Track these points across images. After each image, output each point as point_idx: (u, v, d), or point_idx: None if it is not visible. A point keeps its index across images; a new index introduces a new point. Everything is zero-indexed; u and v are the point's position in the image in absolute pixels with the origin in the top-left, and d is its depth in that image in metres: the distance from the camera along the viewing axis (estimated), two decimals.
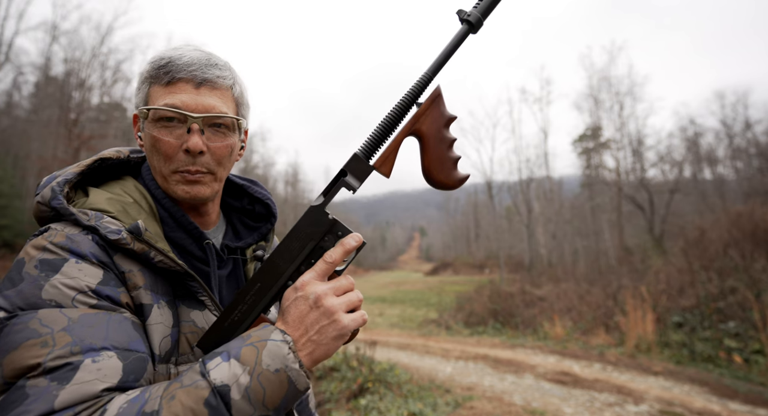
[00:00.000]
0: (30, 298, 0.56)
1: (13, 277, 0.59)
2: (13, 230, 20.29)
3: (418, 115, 0.69)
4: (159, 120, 0.71)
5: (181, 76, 0.72)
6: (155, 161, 0.74)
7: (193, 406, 0.52)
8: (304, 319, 0.61)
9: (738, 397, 4.80)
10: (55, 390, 0.50)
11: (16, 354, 0.52)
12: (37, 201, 0.68)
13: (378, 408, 4.21)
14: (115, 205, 0.70)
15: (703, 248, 9.50)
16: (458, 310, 12.97)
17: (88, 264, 0.62)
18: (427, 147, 0.70)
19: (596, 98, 25.22)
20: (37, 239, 0.64)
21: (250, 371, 0.55)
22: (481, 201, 59.24)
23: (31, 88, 28.48)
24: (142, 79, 0.75)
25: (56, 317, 0.55)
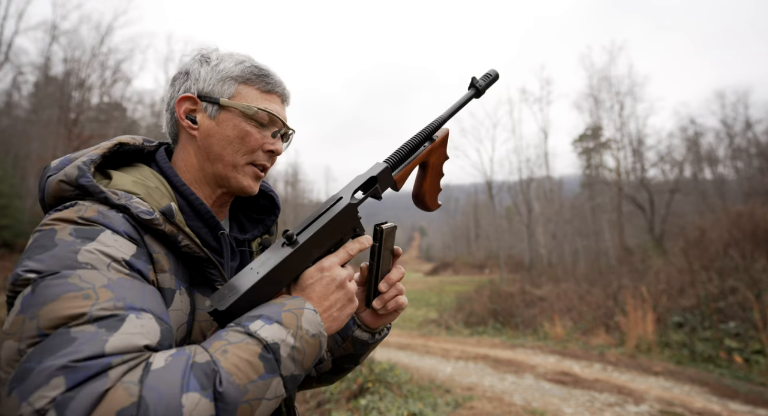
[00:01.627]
0: (65, 260, 0.55)
1: (45, 243, 0.58)
2: (13, 230, 20.30)
3: (432, 148, 0.84)
4: (251, 118, 0.80)
5: (277, 91, 0.85)
6: (231, 150, 0.80)
7: (249, 359, 0.55)
8: (329, 296, 0.70)
9: (738, 397, 4.80)
10: (104, 336, 0.50)
11: (56, 305, 0.51)
12: (59, 180, 0.67)
13: (378, 408, 4.20)
14: (140, 188, 0.71)
15: (703, 248, 9.50)
16: (458, 310, 12.97)
17: (122, 238, 0.63)
18: (429, 176, 0.86)
19: (596, 98, 25.23)
20: (63, 212, 0.63)
21: (293, 334, 0.61)
22: (481, 201, 59.23)
23: (31, 88, 28.50)
24: (230, 76, 0.81)
25: (96, 275, 0.56)
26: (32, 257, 0.57)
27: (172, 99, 0.83)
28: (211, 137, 0.80)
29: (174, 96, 0.83)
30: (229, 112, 0.80)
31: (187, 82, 0.82)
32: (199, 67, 0.82)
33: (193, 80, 0.81)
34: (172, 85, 0.85)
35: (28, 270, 0.55)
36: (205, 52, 0.85)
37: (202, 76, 0.81)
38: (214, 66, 0.81)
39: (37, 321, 0.50)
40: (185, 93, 0.81)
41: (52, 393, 0.44)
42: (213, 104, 0.80)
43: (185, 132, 0.83)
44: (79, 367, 0.46)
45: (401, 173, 0.81)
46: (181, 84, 0.83)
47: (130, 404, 0.45)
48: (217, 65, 0.82)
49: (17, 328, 0.50)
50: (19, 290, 0.54)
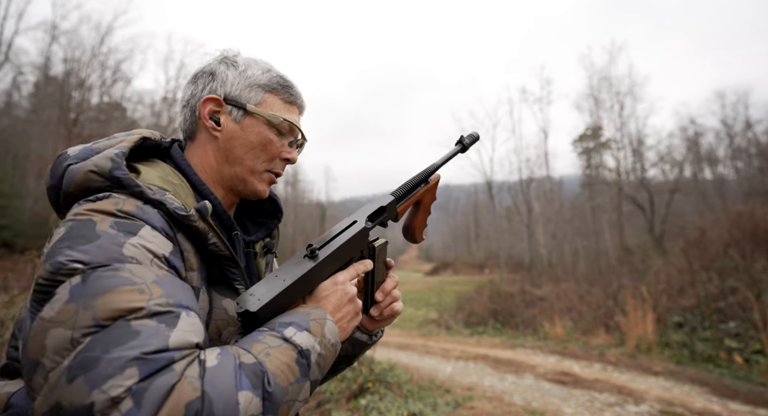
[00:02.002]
0: (111, 253, 0.56)
1: (86, 234, 0.57)
2: (13, 230, 20.29)
3: (427, 189, 0.98)
4: (275, 127, 0.84)
5: (298, 103, 0.89)
6: (253, 156, 0.83)
7: (288, 362, 0.60)
8: (342, 308, 0.75)
9: (738, 397, 4.79)
10: (166, 331, 0.52)
11: (112, 297, 0.52)
12: (88, 170, 0.66)
13: (378, 408, 4.20)
14: (167, 184, 0.72)
15: (703, 248, 9.50)
16: (458, 310, 12.97)
17: (160, 234, 0.63)
18: (420, 213, 0.99)
19: (596, 98, 25.23)
20: (99, 204, 0.62)
21: (319, 342, 0.66)
22: (481, 201, 59.21)
23: (31, 88, 28.50)
24: (258, 83, 0.84)
25: (144, 270, 0.56)
26: (74, 247, 0.56)
27: (194, 97, 0.84)
28: (234, 140, 0.82)
29: (197, 95, 0.84)
30: (254, 118, 0.83)
31: (212, 83, 0.83)
32: (226, 70, 0.83)
33: (220, 82, 0.83)
34: (194, 83, 0.85)
35: (74, 260, 0.54)
36: (230, 54, 0.87)
37: (230, 79, 0.83)
38: (242, 71, 0.83)
39: (92, 311, 0.51)
40: (211, 94, 0.82)
41: (128, 382, 0.46)
42: (239, 108, 0.82)
43: (206, 132, 0.83)
44: (149, 359, 0.48)
45: (403, 206, 0.93)
46: (205, 84, 0.84)
47: (196, 398, 0.48)
48: (244, 71, 0.84)
49: (68, 317, 0.50)
50: (60, 279, 0.54)
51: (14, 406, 0.61)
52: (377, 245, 0.88)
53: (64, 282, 0.53)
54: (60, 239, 0.58)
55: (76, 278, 0.53)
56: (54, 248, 0.57)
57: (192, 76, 0.87)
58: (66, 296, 0.52)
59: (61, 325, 0.50)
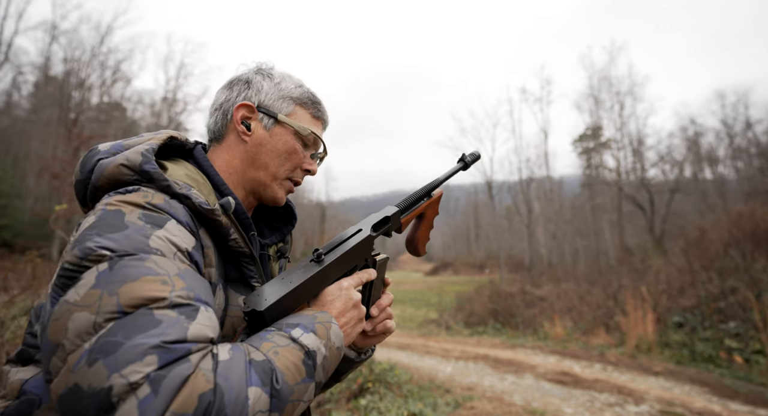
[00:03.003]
0: (138, 243, 0.58)
1: (115, 223, 0.59)
2: (12, 230, 20.30)
3: (430, 203, 1.01)
4: (300, 137, 0.88)
5: (324, 118, 0.94)
6: (278, 162, 0.87)
7: (296, 362, 0.61)
8: (346, 313, 0.77)
9: (738, 397, 4.79)
10: (185, 323, 0.53)
11: (136, 285, 0.53)
12: (119, 163, 0.68)
13: (378, 408, 4.20)
14: (192, 181, 0.74)
15: (703, 248, 9.49)
16: (458, 310, 12.97)
17: (184, 229, 0.65)
18: (424, 225, 1.02)
19: (596, 98, 25.22)
20: (128, 196, 0.64)
21: (324, 344, 0.67)
22: (481, 201, 59.21)
23: (31, 88, 28.51)
24: (290, 96, 0.89)
25: (167, 263, 0.58)
26: (103, 234, 0.58)
27: (228, 102, 0.88)
28: (262, 146, 0.86)
29: (231, 100, 0.88)
30: (283, 127, 0.87)
31: (248, 91, 0.87)
32: (262, 81, 0.88)
33: (255, 91, 0.87)
34: (230, 89, 0.89)
35: (102, 247, 0.56)
36: (265, 67, 0.92)
37: (265, 89, 0.88)
38: (276, 83, 0.88)
39: (117, 297, 0.52)
40: (246, 101, 0.86)
41: (146, 369, 0.47)
42: (270, 117, 0.87)
43: (235, 135, 0.87)
44: (169, 349, 0.49)
45: (406, 218, 0.96)
46: (240, 91, 0.88)
47: (209, 390, 0.49)
48: (279, 83, 0.89)
49: (92, 301, 0.52)
50: (87, 265, 0.55)
51: (27, 393, 0.62)
52: (378, 259, 0.91)
53: (90, 268, 0.55)
54: (90, 226, 0.60)
55: (103, 265, 0.55)
56: (83, 234, 0.59)
57: (227, 83, 0.91)
58: (92, 281, 0.53)
59: (85, 309, 0.51)
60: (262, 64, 0.93)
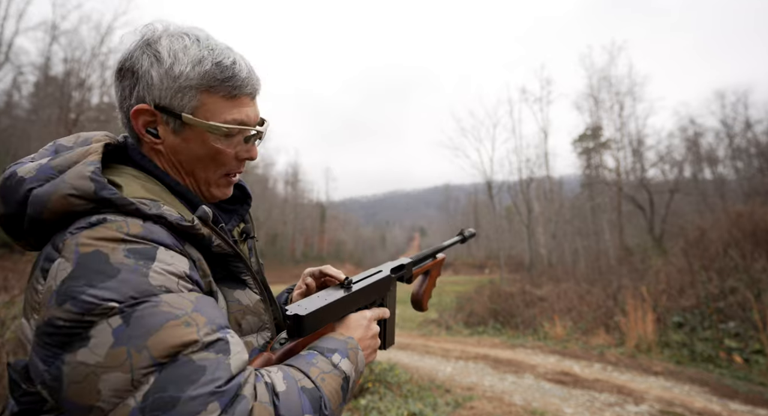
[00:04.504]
0: (140, 286, 0.55)
1: (101, 268, 0.54)
2: None
3: (435, 263, 1.18)
4: (218, 135, 0.74)
5: (245, 92, 0.74)
6: (203, 168, 0.76)
7: (336, 388, 0.66)
8: (365, 340, 0.82)
9: (738, 397, 4.79)
10: (224, 361, 0.55)
11: (163, 335, 0.53)
12: (67, 194, 0.59)
13: (378, 408, 4.20)
14: (154, 194, 0.67)
15: (703, 248, 9.49)
16: (458, 310, 12.96)
17: (174, 252, 0.62)
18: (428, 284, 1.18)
19: (596, 98, 25.21)
20: (100, 231, 0.57)
21: (355, 369, 0.73)
22: (481, 201, 59.20)
23: (31, 88, 28.50)
24: (189, 85, 0.70)
25: (180, 300, 0.57)
26: (95, 285, 0.53)
27: (124, 101, 0.72)
28: (179, 153, 0.74)
29: (126, 99, 0.72)
30: (194, 129, 0.72)
31: (138, 86, 0.70)
32: (149, 68, 0.69)
33: (145, 86, 0.69)
34: (119, 83, 0.72)
35: (104, 299, 0.52)
36: (150, 38, 0.71)
37: (155, 82, 0.69)
38: (167, 70, 0.69)
39: (148, 352, 0.51)
40: (139, 104, 0.70)
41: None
42: (175, 118, 0.71)
43: (148, 144, 0.74)
44: (224, 391, 0.52)
45: (416, 270, 1.11)
46: (131, 86, 0.71)
47: None
48: (171, 68, 0.69)
49: (120, 361, 0.51)
50: (91, 320, 0.52)
51: None
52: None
53: (97, 323, 0.52)
54: (71, 276, 0.54)
55: (115, 320, 0.52)
56: (68, 287, 0.53)
57: (116, 72, 0.73)
58: (110, 339, 0.51)
59: (114, 369, 0.50)
60: (147, 34, 0.72)
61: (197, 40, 0.72)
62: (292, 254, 53.16)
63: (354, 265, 64.20)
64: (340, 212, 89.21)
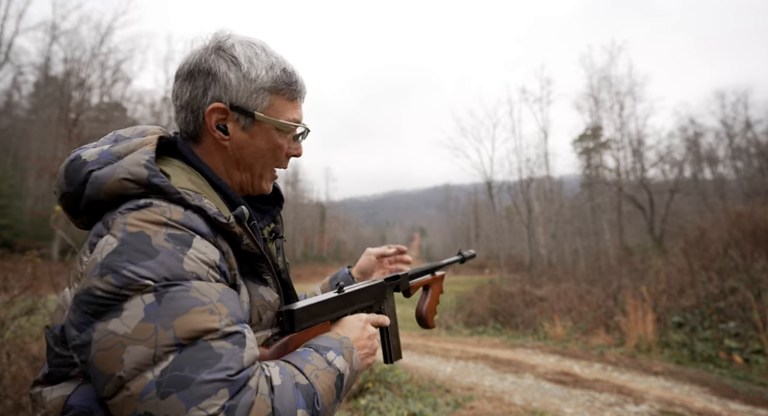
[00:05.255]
0: (174, 269, 0.59)
1: (143, 248, 0.59)
2: (13, 230, 20.30)
3: (434, 278, 1.20)
4: (280, 130, 0.82)
5: (301, 95, 0.86)
6: (263, 162, 0.84)
7: (330, 385, 0.69)
8: (361, 341, 0.84)
9: (738, 397, 4.80)
10: (239, 352, 0.59)
11: (189, 318, 0.56)
12: (122, 178, 0.65)
13: (378, 408, 4.21)
14: (198, 187, 0.72)
15: (703, 248, 9.49)
16: (458, 310, 12.97)
17: (208, 242, 0.66)
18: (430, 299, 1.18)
19: (596, 98, 25.21)
20: (145, 213, 0.62)
21: (349, 367, 0.74)
22: (481, 201, 59.18)
23: (31, 88, 28.52)
24: (263, 87, 0.79)
25: (208, 288, 0.61)
26: (136, 262, 0.57)
27: (195, 100, 0.78)
28: (244, 149, 0.81)
29: (198, 97, 0.78)
30: (263, 125, 0.81)
31: (214, 87, 0.77)
32: (227, 71, 0.77)
33: (222, 87, 0.77)
34: (191, 83, 0.78)
35: (142, 276, 0.57)
36: (226, 45, 0.79)
37: (233, 84, 0.77)
38: (245, 73, 0.77)
39: (173, 331, 0.55)
40: (216, 103, 0.77)
41: (221, 401, 0.54)
42: (247, 116, 0.79)
43: (213, 140, 0.80)
44: (234, 380, 0.56)
45: (414, 283, 1.13)
46: (206, 86, 0.77)
47: (268, 413, 0.58)
48: (248, 72, 0.77)
49: (147, 335, 0.54)
50: (127, 294, 0.56)
51: (75, 407, 0.61)
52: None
53: (131, 297, 0.56)
54: (115, 251, 0.59)
55: (149, 296, 0.56)
56: (111, 260, 0.58)
57: (187, 73, 0.79)
58: (140, 314, 0.55)
59: (140, 343, 0.54)
60: (221, 41, 0.79)
61: (263, 48, 0.82)
62: (292, 255, 53.19)
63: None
64: (340, 212, 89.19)
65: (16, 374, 3.04)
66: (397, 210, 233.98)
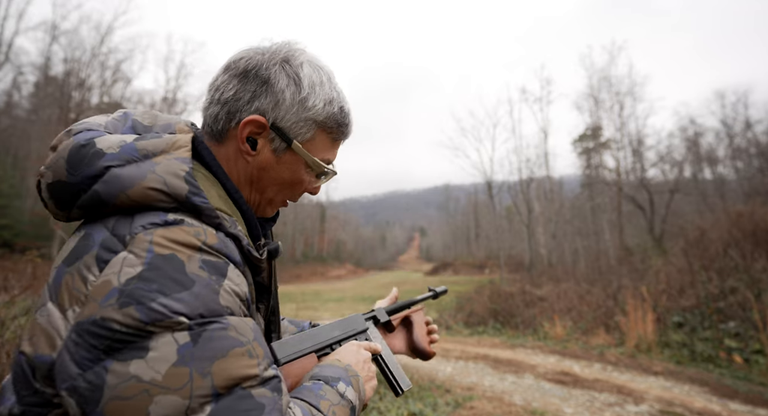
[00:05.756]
0: (210, 304, 0.51)
1: (177, 277, 0.51)
2: (13, 230, 20.31)
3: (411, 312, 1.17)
4: (309, 167, 0.75)
5: (346, 138, 0.81)
6: (276, 190, 0.76)
7: None
8: (358, 366, 0.78)
9: (738, 397, 4.80)
10: (279, 400, 0.54)
11: (228, 362, 0.50)
12: (153, 187, 0.55)
13: (378, 408, 4.21)
14: (227, 206, 0.65)
15: (703, 248, 9.49)
16: (458, 310, 12.97)
17: (239, 271, 0.59)
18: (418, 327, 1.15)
19: (596, 98, 25.22)
20: (177, 233, 0.54)
21: (358, 397, 0.71)
22: (481, 201, 59.21)
23: (31, 88, 28.53)
24: (315, 120, 0.72)
25: (243, 326, 0.54)
26: (168, 294, 0.49)
27: (238, 102, 0.69)
28: (266, 171, 0.73)
29: (241, 100, 0.69)
30: (295, 156, 0.73)
31: (264, 97, 0.69)
32: (285, 89, 0.69)
33: (273, 102, 0.69)
34: (243, 83, 0.69)
35: (175, 311, 0.49)
36: (295, 60, 0.71)
37: (286, 104, 0.69)
38: (303, 98, 0.70)
39: (210, 379, 0.48)
40: (258, 115, 0.68)
41: None
42: (283, 140, 0.71)
43: (236, 147, 0.71)
44: None
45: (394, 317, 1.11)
46: (255, 93, 0.69)
47: None
48: (306, 98, 0.70)
49: (181, 384, 0.47)
50: (153, 330, 0.48)
51: None
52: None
53: (159, 335, 0.48)
54: (140, 277, 0.50)
55: (182, 335, 0.49)
56: (136, 289, 0.49)
57: (242, 70, 0.70)
58: (173, 356, 0.47)
59: (173, 392, 0.46)
60: (291, 55, 0.72)
61: (329, 78, 0.75)
62: (292, 255, 53.15)
63: (354, 265, 64.17)
64: (340, 212, 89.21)
65: None
66: (397, 210, 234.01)
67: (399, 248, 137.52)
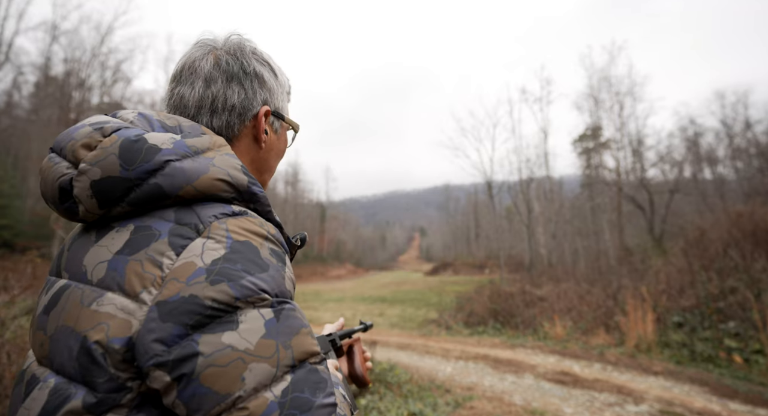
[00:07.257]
0: (281, 287, 0.57)
1: (256, 260, 0.56)
2: (13, 230, 20.30)
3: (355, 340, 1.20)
4: (292, 129, 0.86)
5: None
6: (277, 163, 0.85)
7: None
8: None
9: (738, 397, 4.80)
10: (331, 378, 0.59)
11: (301, 339, 0.56)
12: (219, 178, 0.60)
13: (378, 408, 4.21)
14: None
15: (703, 248, 9.49)
16: (458, 310, 12.97)
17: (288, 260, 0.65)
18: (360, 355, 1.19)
19: (596, 98, 25.21)
20: (246, 223, 0.59)
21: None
22: (481, 201, 59.19)
23: (31, 88, 28.52)
24: (287, 91, 0.84)
25: (301, 310, 0.60)
26: (253, 273, 0.54)
27: (246, 101, 0.74)
28: (271, 150, 0.82)
29: (249, 100, 0.75)
30: (283, 127, 0.83)
31: (262, 91, 0.77)
32: (270, 76, 0.79)
33: (268, 91, 0.78)
34: (241, 85, 0.74)
35: (261, 289, 0.54)
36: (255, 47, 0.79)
37: (276, 89, 0.80)
38: (278, 78, 0.81)
39: (291, 351, 0.54)
40: (266, 106, 0.77)
41: None
42: (279, 119, 0.81)
43: (250, 140, 0.77)
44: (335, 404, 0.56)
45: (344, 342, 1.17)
46: (256, 91, 0.76)
47: None
48: (279, 77, 0.81)
49: (270, 353, 0.52)
50: (240, 306, 0.52)
51: None
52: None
53: (245, 310, 0.53)
54: (225, 258, 0.54)
55: (267, 311, 0.54)
56: (224, 268, 0.53)
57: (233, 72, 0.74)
58: (261, 329, 0.52)
59: (264, 360, 0.51)
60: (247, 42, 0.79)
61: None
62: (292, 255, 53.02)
63: (354, 265, 64.17)
64: (340, 212, 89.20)
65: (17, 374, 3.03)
66: (397, 210, 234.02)
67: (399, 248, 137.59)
